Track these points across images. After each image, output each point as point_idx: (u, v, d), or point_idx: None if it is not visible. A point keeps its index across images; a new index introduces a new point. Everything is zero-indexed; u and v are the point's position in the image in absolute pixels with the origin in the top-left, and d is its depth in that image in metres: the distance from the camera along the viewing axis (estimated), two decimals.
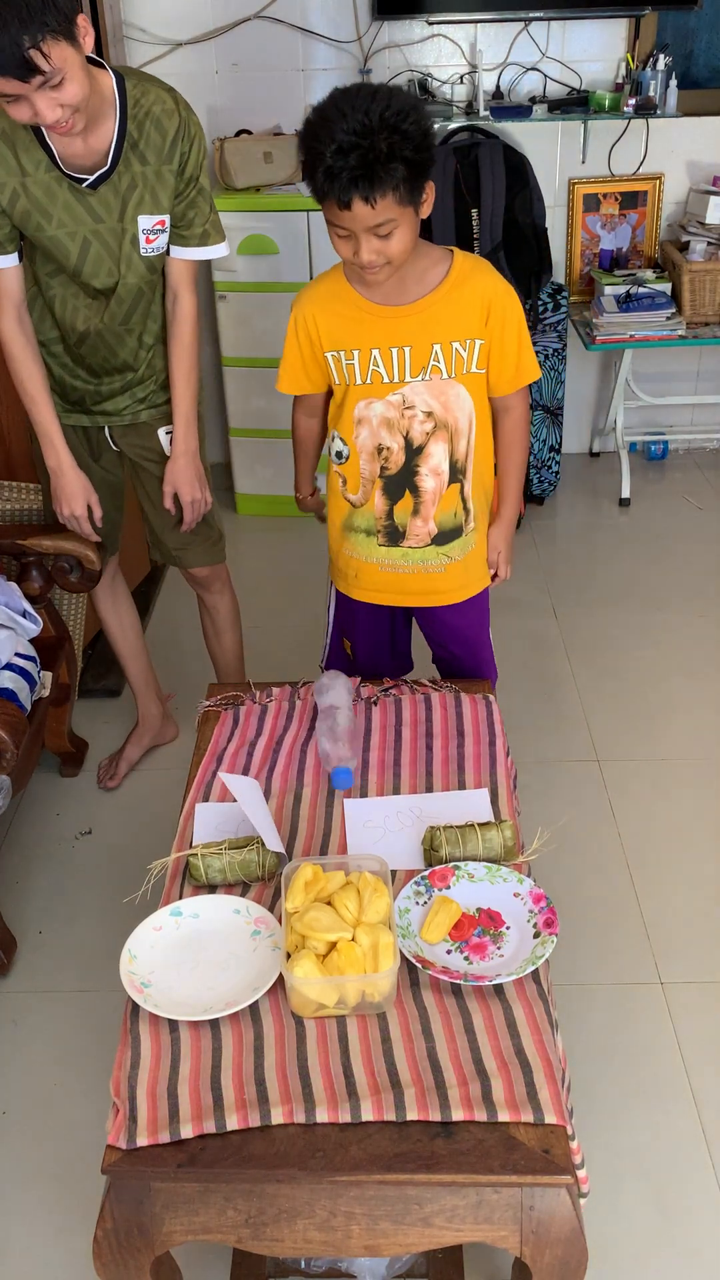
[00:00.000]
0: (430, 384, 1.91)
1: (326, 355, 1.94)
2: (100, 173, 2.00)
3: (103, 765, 2.77)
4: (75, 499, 2.29)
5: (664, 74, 3.68)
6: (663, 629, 3.28)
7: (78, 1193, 1.82)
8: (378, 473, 1.99)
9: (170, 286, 2.20)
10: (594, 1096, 1.94)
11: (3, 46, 1.72)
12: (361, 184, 1.66)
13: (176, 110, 2.03)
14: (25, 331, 2.15)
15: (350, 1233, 1.30)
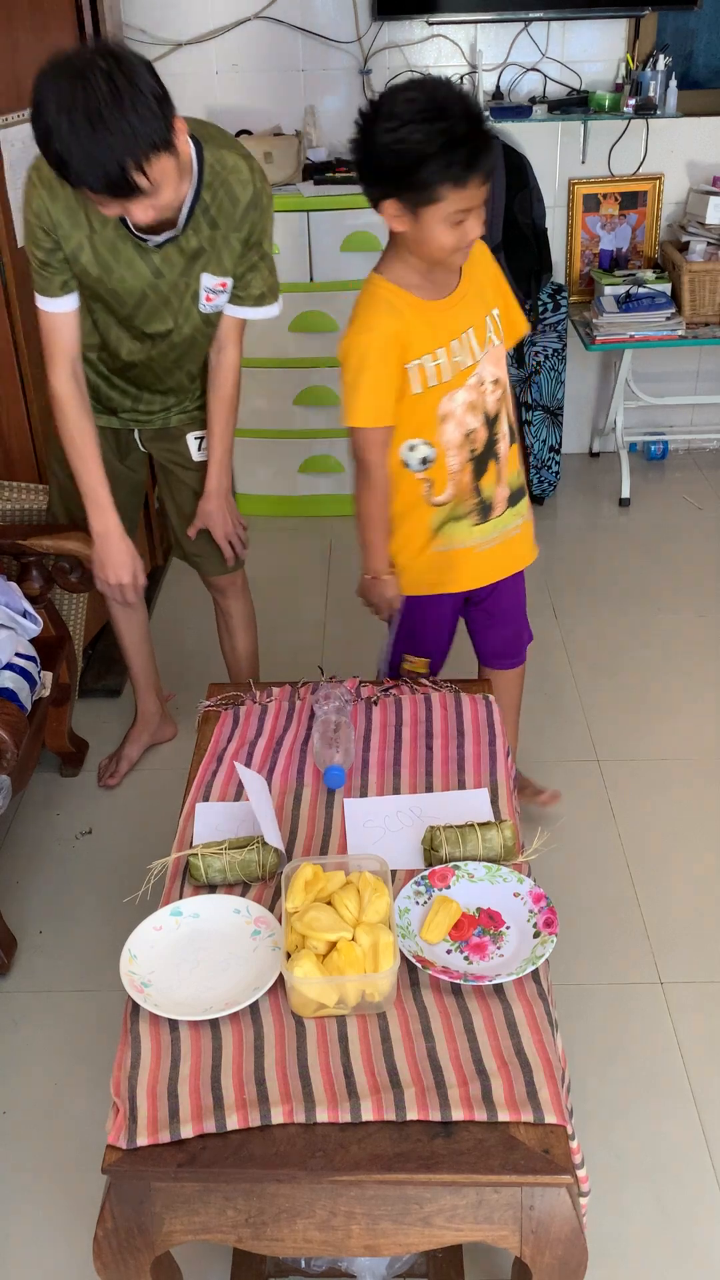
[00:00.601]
0: (490, 353, 2.00)
1: (410, 366, 1.91)
2: (169, 235, 1.99)
3: (103, 764, 2.77)
4: (123, 569, 2.26)
5: (664, 74, 3.68)
6: (663, 629, 3.28)
7: (78, 1193, 1.82)
8: (468, 457, 2.03)
9: (218, 338, 2.21)
10: (594, 1096, 1.94)
11: (107, 171, 1.69)
12: (487, 155, 1.71)
13: (252, 180, 2.01)
14: (79, 387, 2.12)
15: (350, 1233, 1.30)
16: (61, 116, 1.65)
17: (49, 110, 1.66)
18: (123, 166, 1.69)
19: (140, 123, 1.68)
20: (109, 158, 1.68)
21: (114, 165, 1.69)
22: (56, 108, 1.65)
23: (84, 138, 1.66)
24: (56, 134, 1.67)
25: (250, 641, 2.68)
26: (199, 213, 1.99)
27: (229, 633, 2.66)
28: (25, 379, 2.64)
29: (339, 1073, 1.34)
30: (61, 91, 1.65)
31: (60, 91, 1.65)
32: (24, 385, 2.65)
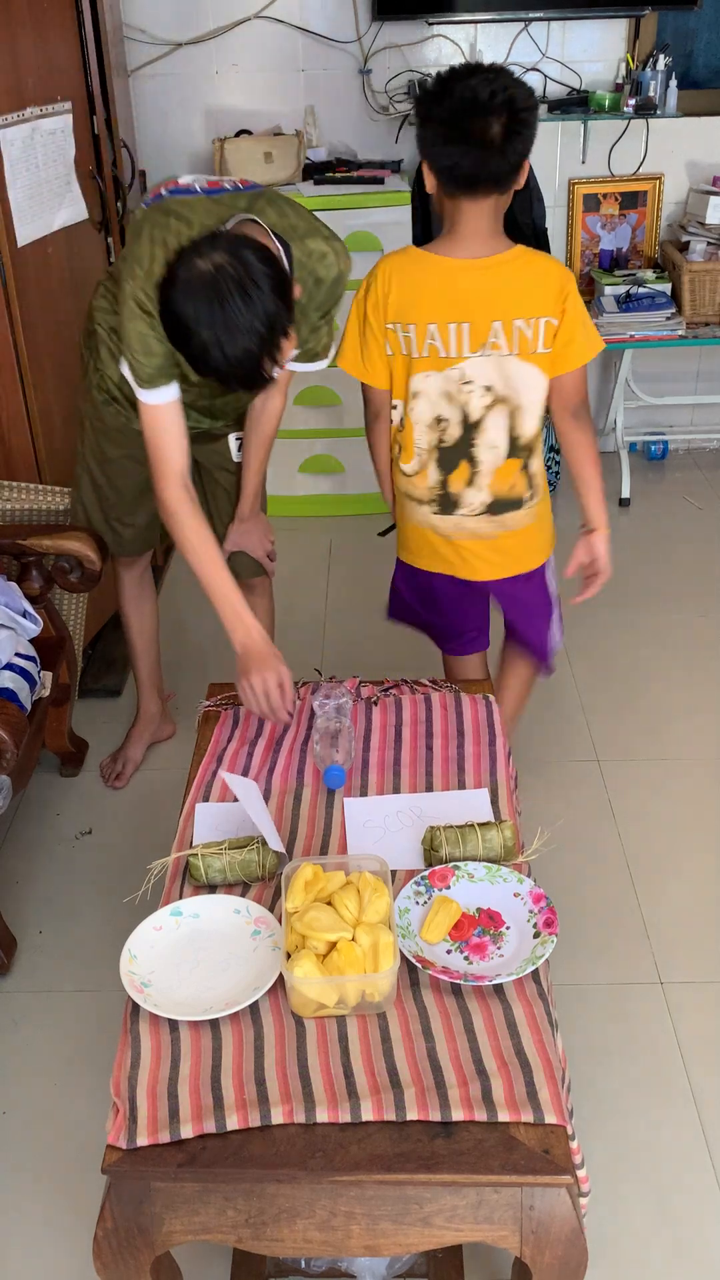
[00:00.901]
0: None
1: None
2: None
3: (105, 765, 2.77)
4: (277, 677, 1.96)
5: (664, 74, 3.68)
6: (663, 629, 3.28)
7: (78, 1193, 1.82)
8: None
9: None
10: (594, 1096, 1.94)
11: (248, 374, 1.74)
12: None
13: (337, 263, 2.03)
14: (194, 500, 2.07)
15: (350, 1233, 1.30)
16: (199, 328, 1.69)
17: (184, 320, 1.70)
18: (258, 365, 1.75)
19: (270, 318, 1.72)
20: (246, 360, 1.73)
21: (250, 364, 1.74)
22: (194, 320, 1.69)
23: (224, 348, 1.70)
24: (195, 340, 1.71)
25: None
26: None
27: None
28: (25, 379, 2.64)
29: (339, 1073, 1.34)
30: (198, 302, 1.68)
31: (197, 302, 1.68)
32: (24, 385, 2.65)
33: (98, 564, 2.40)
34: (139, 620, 2.70)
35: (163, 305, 1.74)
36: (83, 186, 2.88)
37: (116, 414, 2.31)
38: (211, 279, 1.69)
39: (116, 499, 2.47)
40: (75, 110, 2.83)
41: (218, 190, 1.98)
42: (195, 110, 3.81)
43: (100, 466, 2.42)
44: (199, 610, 3.34)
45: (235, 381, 1.77)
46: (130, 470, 2.39)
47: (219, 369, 1.73)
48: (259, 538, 2.48)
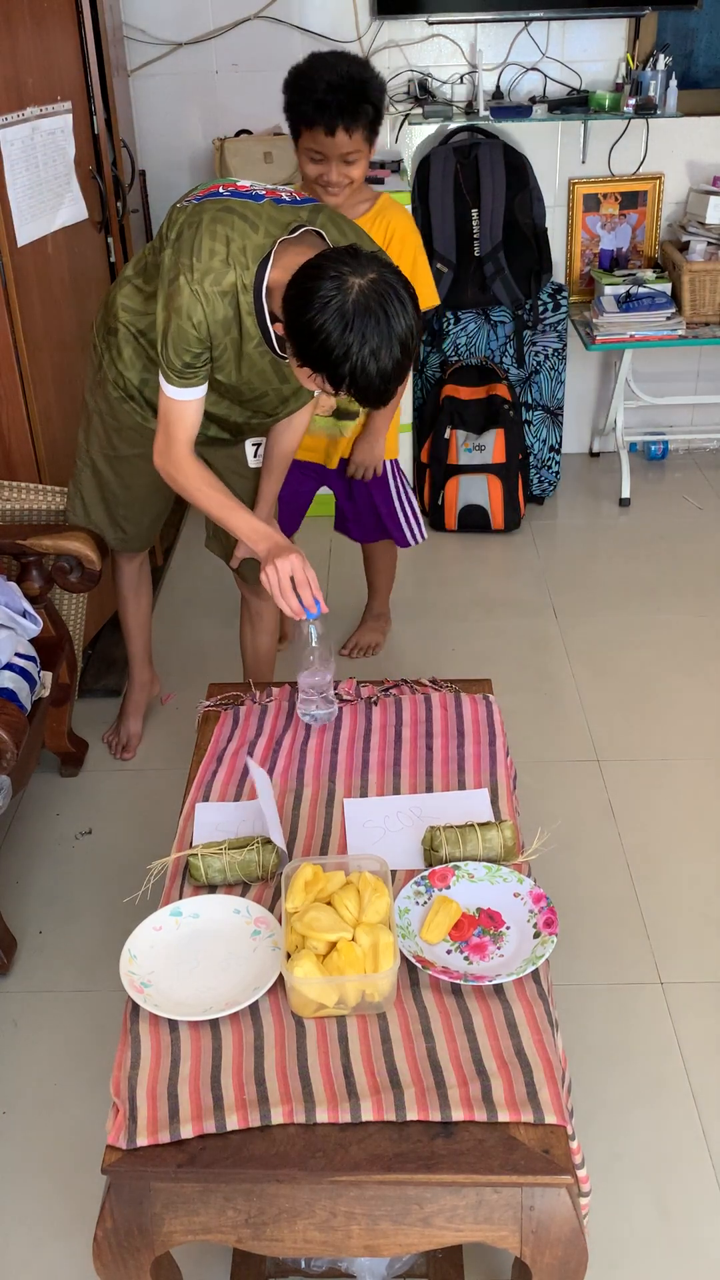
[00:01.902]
0: None
1: None
2: None
3: (108, 738, 2.84)
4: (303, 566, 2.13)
5: (664, 74, 3.68)
6: (663, 629, 3.28)
7: (78, 1193, 1.82)
8: None
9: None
10: (594, 1096, 1.94)
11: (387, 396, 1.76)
12: (345, 115, 2.25)
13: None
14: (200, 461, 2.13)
15: (350, 1233, 1.30)
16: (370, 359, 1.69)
17: (352, 344, 1.69)
18: (401, 380, 1.77)
19: (411, 342, 1.74)
20: (396, 381, 1.75)
21: (396, 385, 1.77)
22: (361, 343, 1.69)
23: (386, 367, 1.71)
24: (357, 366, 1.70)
25: (272, 645, 2.73)
26: None
27: (254, 632, 2.69)
28: (25, 380, 2.64)
29: (339, 1073, 1.34)
30: (369, 331, 1.68)
31: (367, 330, 1.68)
32: (24, 386, 2.65)
33: (98, 564, 2.40)
34: (136, 607, 2.75)
35: (311, 327, 1.70)
36: (83, 186, 2.88)
37: (131, 412, 2.31)
38: (375, 297, 1.69)
39: (125, 496, 2.47)
40: (75, 110, 2.83)
41: (277, 200, 1.96)
42: (195, 110, 3.81)
43: (109, 463, 2.42)
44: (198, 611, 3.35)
45: (371, 397, 1.76)
46: (142, 469, 2.38)
47: (372, 387, 1.73)
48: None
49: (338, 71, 2.25)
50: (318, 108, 2.24)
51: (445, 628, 3.31)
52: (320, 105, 2.24)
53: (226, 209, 1.91)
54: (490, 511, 3.79)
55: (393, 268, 1.77)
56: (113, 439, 2.38)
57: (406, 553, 3.17)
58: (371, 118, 2.29)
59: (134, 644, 2.83)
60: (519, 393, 3.83)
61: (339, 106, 2.24)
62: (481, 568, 3.68)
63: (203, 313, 1.92)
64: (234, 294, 1.92)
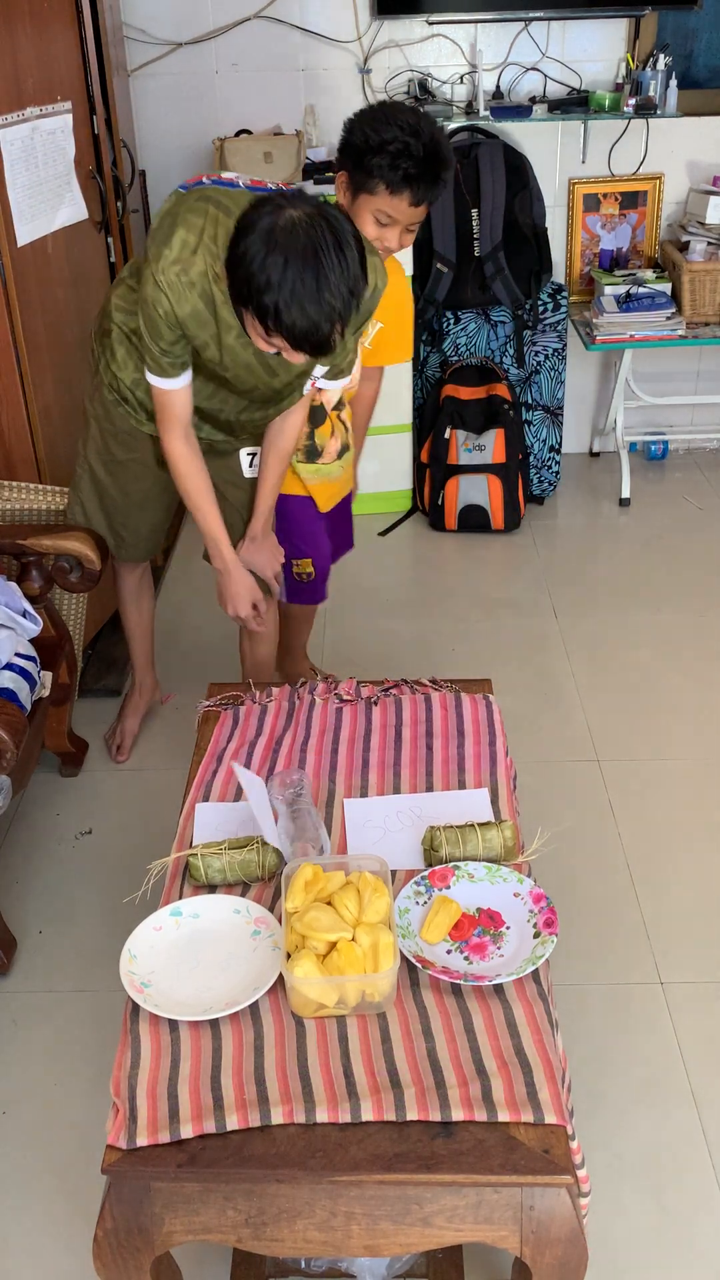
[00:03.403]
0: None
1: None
2: None
3: (106, 738, 2.84)
4: (242, 601, 2.36)
5: (664, 74, 3.68)
6: (663, 629, 3.28)
7: (78, 1193, 1.82)
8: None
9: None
10: (594, 1096, 1.94)
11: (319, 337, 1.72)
12: (435, 189, 2.08)
13: (374, 277, 2.03)
14: (192, 447, 2.17)
15: (350, 1233, 1.30)
16: (288, 280, 1.65)
17: (273, 268, 1.66)
18: (333, 329, 1.73)
19: (353, 284, 1.71)
20: (326, 321, 1.70)
21: (328, 327, 1.71)
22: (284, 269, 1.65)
23: (309, 305, 1.67)
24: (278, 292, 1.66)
25: (271, 654, 2.70)
26: None
27: (253, 641, 2.67)
28: (25, 380, 2.64)
29: (339, 1073, 1.34)
30: (291, 252, 1.65)
31: (289, 251, 1.65)
32: (24, 386, 2.65)
33: (98, 564, 2.40)
34: (137, 614, 2.75)
35: (238, 254, 1.68)
36: (83, 186, 2.88)
37: (126, 416, 2.31)
38: (310, 226, 1.64)
39: (124, 503, 2.46)
40: (75, 110, 2.83)
41: (262, 188, 1.94)
42: (195, 110, 3.81)
43: (106, 469, 2.41)
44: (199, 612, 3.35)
45: (306, 345, 1.72)
46: (138, 474, 2.38)
47: (296, 327, 1.68)
48: (269, 557, 2.45)
49: (429, 136, 2.03)
50: (408, 179, 2.04)
51: (445, 628, 3.31)
52: (410, 177, 2.04)
53: (204, 197, 1.90)
54: (490, 511, 3.79)
55: (338, 212, 1.71)
56: (109, 444, 2.38)
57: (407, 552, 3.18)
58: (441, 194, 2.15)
59: (136, 650, 2.83)
60: (519, 393, 3.83)
61: (430, 180, 2.06)
62: (481, 568, 3.68)
63: (168, 303, 1.90)
64: (205, 283, 1.89)
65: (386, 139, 2.00)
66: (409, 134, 2.00)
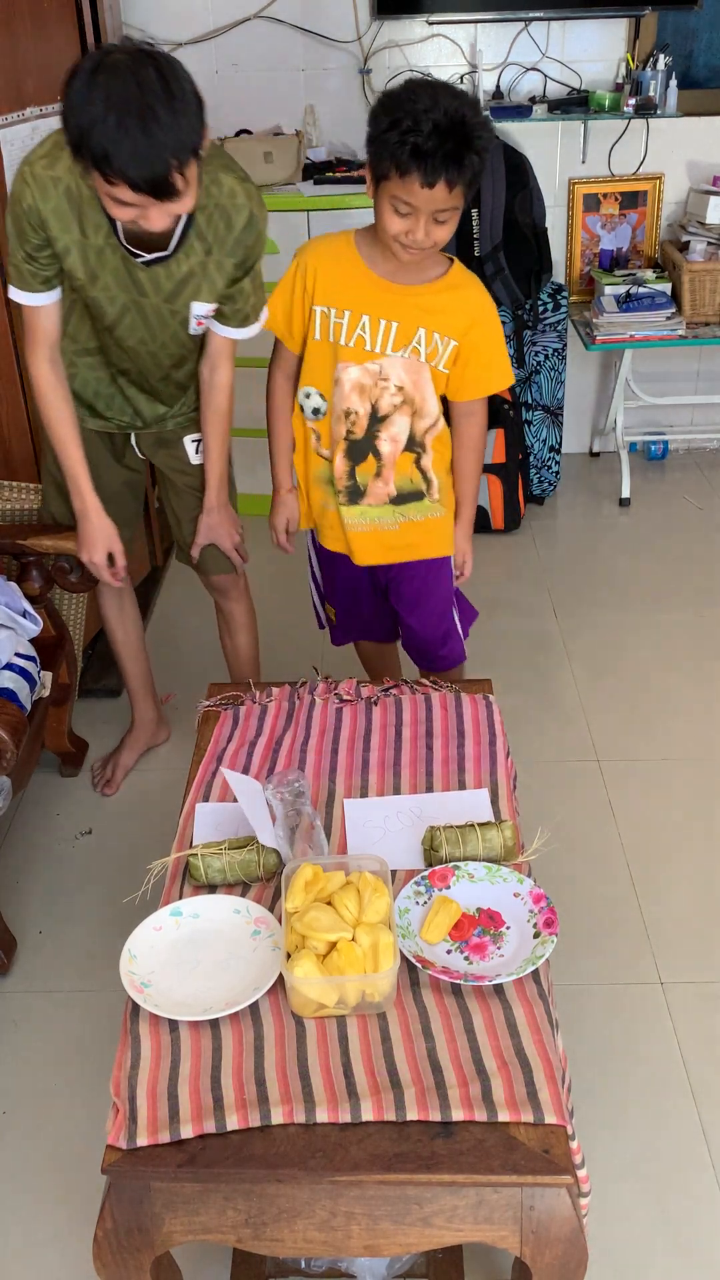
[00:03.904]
0: (407, 361, 2.05)
1: (315, 308, 2.04)
2: (159, 255, 1.97)
3: (96, 770, 2.76)
4: (96, 546, 2.31)
5: (664, 74, 3.68)
6: (663, 629, 3.28)
7: (78, 1193, 1.82)
8: (342, 435, 2.11)
9: (209, 357, 2.20)
10: (594, 1096, 1.94)
11: (154, 169, 1.67)
12: (451, 168, 1.79)
13: (248, 205, 1.99)
14: (57, 373, 2.14)
15: (350, 1233, 1.30)
16: (111, 112, 1.62)
17: (95, 104, 1.63)
18: (168, 166, 1.68)
19: (187, 124, 1.68)
20: (157, 156, 1.66)
21: (161, 164, 1.67)
22: (106, 103, 1.63)
23: (135, 134, 1.64)
24: (103, 128, 1.63)
25: (251, 643, 2.68)
26: (193, 236, 1.96)
27: (230, 634, 2.66)
28: (25, 379, 2.64)
29: (339, 1073, 1.34)
30: (113, 87, 1.63)
31: (111, 87, 1.63)
32: (23, 386, 2.65)
33: None
34: (122, 628, 2.66)
35: (67, 102, 1.66)
36: None
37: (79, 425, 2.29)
38: (134, 63, 1.63)
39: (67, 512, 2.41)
40: None
41: None
42: None
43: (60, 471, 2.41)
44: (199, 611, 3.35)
45: (144, 184, 1.68)
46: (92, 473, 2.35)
47: (128, 162, 1.65)
48: (227, 530, 2.42)
49: (444, 110, 1.77)
50: (416, 154, 1.77)
51: None
52: (419, 152, 1.77)
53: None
54: (490, 511, 3.79)
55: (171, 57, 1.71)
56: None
57: None
58: (477, 170, 1.83)
59: (129, 675, 2.73)
60: (519, 393, 3.83)
61: (445, 156, 1.77)
62: (481, 568, 3.65)
63: (32, 197, 1.89)
64: (71, 179, 1.87)
65: (398, 116, 1.79)
66: (423, 107, 1.77)
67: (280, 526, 2.33)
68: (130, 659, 2.71)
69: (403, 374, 2.06)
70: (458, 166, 1.79)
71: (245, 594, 2.62)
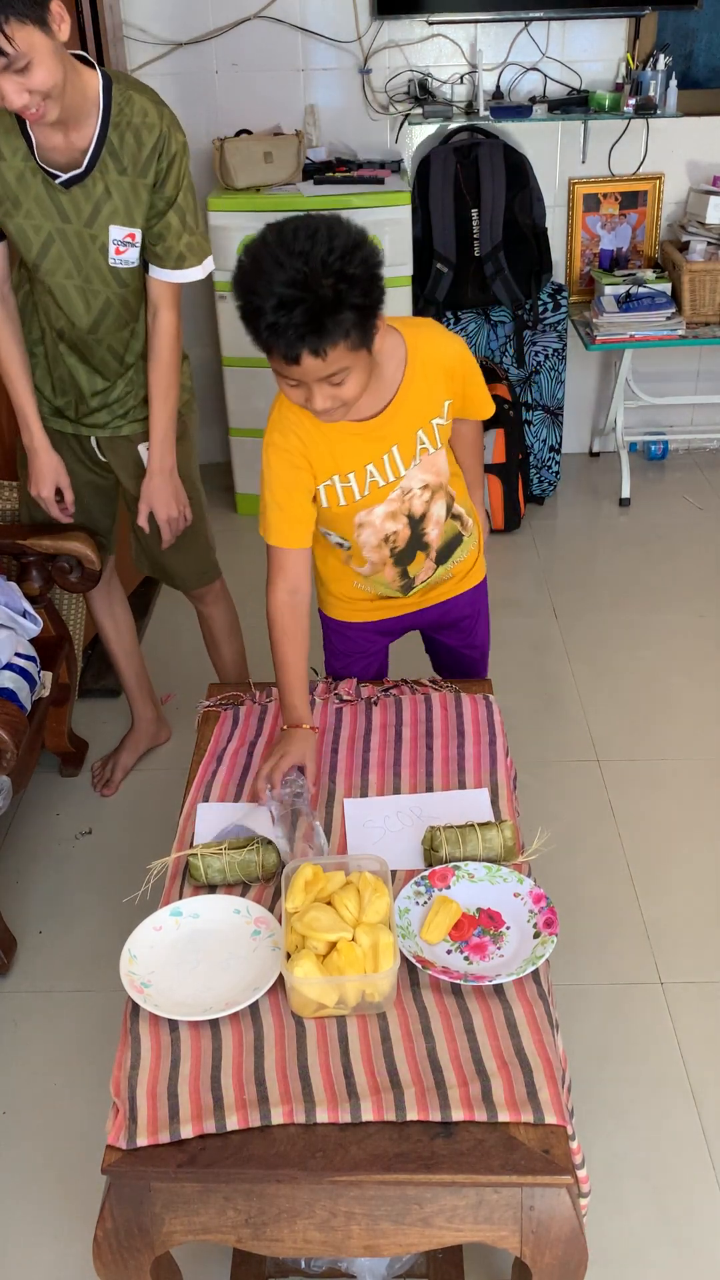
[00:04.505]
0: (421, 464, 1.86)
1: (320, 487, 1.83)
2: (75, 173, 1.98)
3: (96, 770, 2.76)
4: (44, 480, 2.29)
5: (664, 74, 3.68)
6: (663, 629, 3.28)
7: (78, 1193, 1.82)
8: (388, 555, 1.94)
9: (150, 302, 2.17)
10: (594, 1096, 1.94)
11: None
12: (310, 339, 1.53)
13: (159, 125, 1.98)
14: (6, 308, 2.14)
15: (350, 1233, 1.30)
16: None
17: None
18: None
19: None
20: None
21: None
22: None
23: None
24: None
25: (235, 649, 2.67)
26: (106, 155, 1.98)
27: (213, 642, 2.65)
28: None
29: (339, 1073, 1.34)
30: None
31: None
32: None
33: (97, 564, 2.40)
34: (113, 627, 2.66)
35: None
36: None
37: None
38: None
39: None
40: None
41: None
42: (195, 110, 3.81)
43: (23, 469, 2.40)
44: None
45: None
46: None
47: None
48: (165, 500, 2.29)
49: (290, 272, 1.50)
50: (271, 332, 1.54)
51: None
52: (274, 330, 1.53)
53: None
54: (490, 511, 3.79)
55: None
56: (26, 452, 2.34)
57: None
58: (353, 323, 1.55)
59: (125, 677, 2.72)
60: (519, 393, 3.83)
61: (298, 330, 1.52)
62: None
63: None
64: None
65: (245, 296, 1.56)
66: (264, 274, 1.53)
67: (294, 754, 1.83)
68: (125, 660, 2.71)
69: (422, 475, 1.87)
70: (317, 335, 1.52)
71: (223, 598, 2.60)
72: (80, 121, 1.94)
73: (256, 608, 2.94)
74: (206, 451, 4.31)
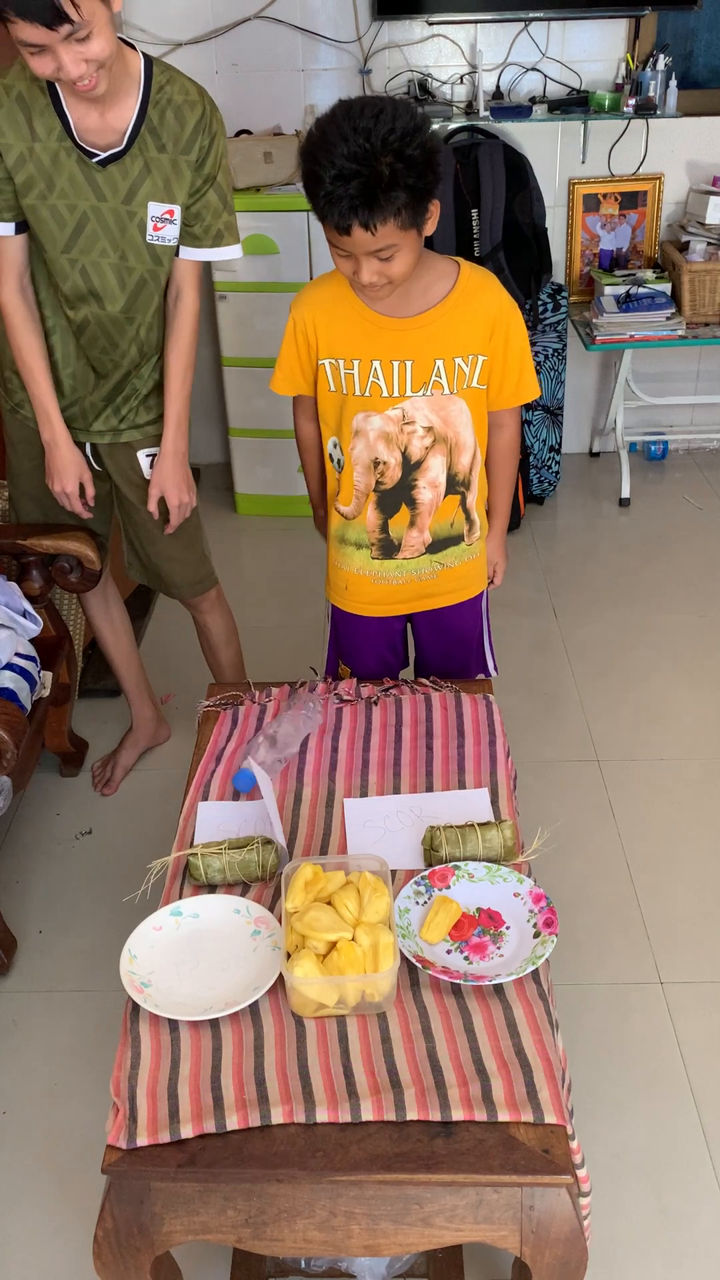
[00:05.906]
0: (431, 399, 1.88)
1: (322, 362, 1.90)
2: (114, 151, 1.97)
3: (96, 770, 2.76)
4: (68, 474, 2.25)
5: (664, 74, 3.68)
6: (663, 629, 3.28)
7: (78, 1193, 1.82)
8: (372, 486, 1.96)
9: (174, 283, 2.15)
10: (594, 1096, 1.94)
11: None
12: (361, 211, 1.62)
13: (201, 102, 2.02)
14: (26, 301, 2.11)
15: (350, 1233, 1.30)
16: None
17: None
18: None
19: None
20: None
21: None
22: None
23: None
24: None
25: (233, 654, 2.67)
26: (145, 131, 1.98)
27: (210, 648, 2.65)
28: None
29: (339, 1073, 1.34)
30: None
31: None
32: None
33: (98, 564, 2.40)
34: (111, 632, 2.65)
35: None
36: None
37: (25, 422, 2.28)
38: None
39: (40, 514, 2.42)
40: None
41: None
42: None
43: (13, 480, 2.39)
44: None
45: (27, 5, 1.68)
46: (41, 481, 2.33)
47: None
48: (175, 484, 2.29)
49: (352, 146, 1.59)
50: (327, 201, 1.63)
51: None
52: (330, 199, 1.62)
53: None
54: None
55: None
56: (10, 455, 2.33)
57: None
58: (405, 203, 1.63)
59: (123, 677, 2.72)
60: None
61: (352, 202, 1.61)
62: None
63: None
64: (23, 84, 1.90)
65: (308, 164, 1.66)
66: (326, 152, 1.62)
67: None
68: (122, 661, 2.70)
69: (429, 414, 1.89)
70: (369, 209, 1.61)
71: (219, 604, 2.59)
72: (120, 99, 1.94)
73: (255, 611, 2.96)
74: (207, 451, 4.32)
